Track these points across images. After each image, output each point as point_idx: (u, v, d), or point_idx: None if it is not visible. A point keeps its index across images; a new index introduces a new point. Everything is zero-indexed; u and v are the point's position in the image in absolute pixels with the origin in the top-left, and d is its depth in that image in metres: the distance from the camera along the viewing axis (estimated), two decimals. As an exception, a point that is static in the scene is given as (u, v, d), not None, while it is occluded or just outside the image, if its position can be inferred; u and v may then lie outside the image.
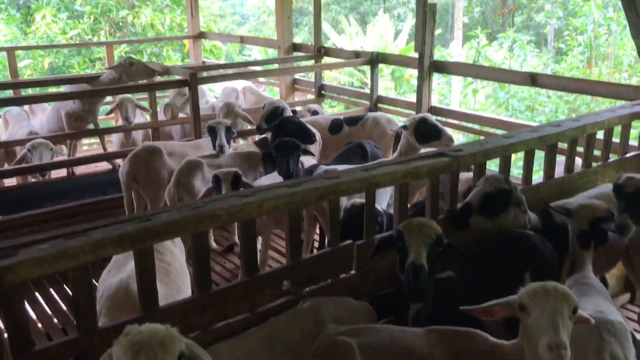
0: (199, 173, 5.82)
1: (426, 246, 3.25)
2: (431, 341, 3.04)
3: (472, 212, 4.06)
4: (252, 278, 3.31)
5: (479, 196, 4.09)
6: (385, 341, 3.01)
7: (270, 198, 3.22)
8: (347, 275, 3.77)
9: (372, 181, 3.65)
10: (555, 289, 2.72)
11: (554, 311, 2.65)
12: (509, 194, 4.12)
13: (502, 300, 2.89)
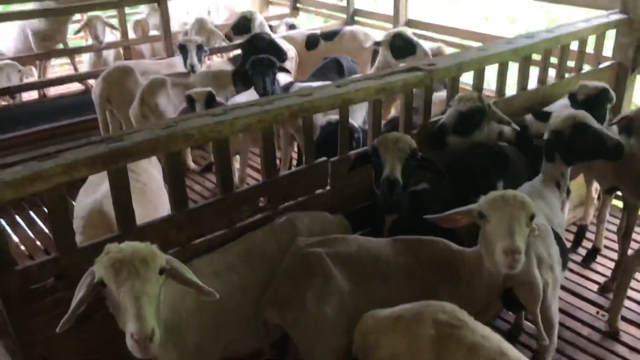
0: (163, 92, 5.72)
1: (401, 160, 3.32)
2: (397, 249, 3.17)
3: (448, 132, 4.13)
4: (228, 195, 3.36)
5: (453, 116, 4.14)
6: (352, 249, 3.13)
7: (243, 116, 3.21)
8: (322, 191, 3.84)
9: (345, 97, 3.65)
10: (514, 198, 2.81)
11: (511, 218, 2.74)
12: (483, 112, 4.17)
13: (463, 208, 2.98)
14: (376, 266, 3.10)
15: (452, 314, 2.60)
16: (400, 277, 3.08)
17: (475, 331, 2.51)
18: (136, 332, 2.22)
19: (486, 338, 2.48)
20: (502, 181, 3.97)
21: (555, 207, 3.66)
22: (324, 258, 3.03)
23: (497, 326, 4.13)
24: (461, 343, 2.46)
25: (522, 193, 2.92)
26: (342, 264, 3.06)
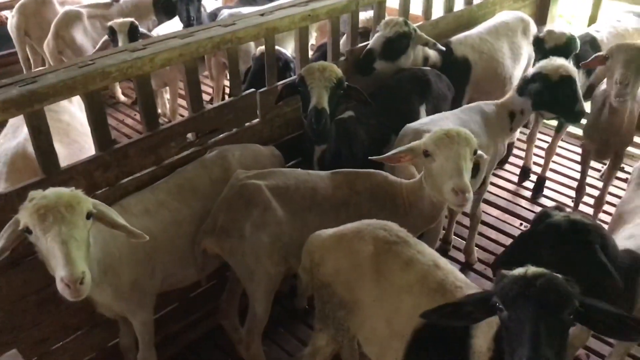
0: (79, 24, 5.43)
1: (327, 90, 3.32)
2: (335, 182, 3.22)
3: (376, 58, 4.13)
4: (154, 132, 3.31)
5: (380, 42, 4.14)
6: (290, 183, 3.17)
7: (162, 51, 3.12)
8: (252, 123, 3.83)
9: (269, 27, 3.58)
10: (458, 135, 2.82)
11: (458, 156, 2.76)
12: (409, 36, 4.19)
13: (406, 146, 2.98)
14: (313, 198, 3.15)
15: (391, 231, 2.72)
16: (337, 208, 3.15)
17: (412, 246, 2.65)
18: (66, 276, 2.24)
19: (421, 252, 2.63)
20: (425, 105, 4.07)
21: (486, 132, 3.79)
22: (263, 189, 3.07)
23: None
24: (398, 257, 2.60)
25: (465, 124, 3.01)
26: (281, 196, 3.11)
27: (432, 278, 2.51)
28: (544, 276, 1.94)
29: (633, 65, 3.60)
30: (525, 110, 3.79)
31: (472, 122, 3.81)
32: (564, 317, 1.90)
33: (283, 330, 3.94)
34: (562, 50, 4.15)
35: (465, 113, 3.90)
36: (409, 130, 3.57)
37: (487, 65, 4.61)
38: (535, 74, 3.67)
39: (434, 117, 3.75)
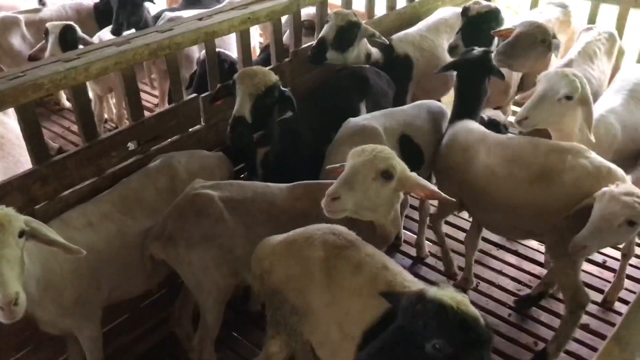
0: (17, 31, 5.25)
1: (252, 97, 3.25)
2: (294, 194, 3.15)
3: (328, 47, 4.11)
4: (93, 143, 3.25)
5: (332, 30, 4.12)
6: (247, 195, 3.12)
7: (97, 60, 3.06)
8: (196, 128, 3.79)
9: (208, 31, 3.55)
10: (371, 151, 2.72)
11: (351, 169, 2.67)
12: (359, 26, 4.22)
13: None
14: (271, 211, 3.10)
15: (340, 235, 2.72)
16: (296, 221, 3.02)
17: (362, 250, 2.67)
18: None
19: (371, 255, 2.65)
20: (365, 102, 4.10)
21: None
22: (216, 201, 3.03)
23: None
24: (348, 261, 2.61)
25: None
26: (235, 208, 3.07)
27: (381, 279, 2.54)
28: None
29: (523, 41, 3.85)
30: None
31: (419, 119, 3.88)
32: None
33: (237, 335, 3.92)
34: (482, 19, 4.28)
35: (414, 109, 3.96)
36: (348, 124, 3.61)
37: (429, 62, 4.67)
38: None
39: (376, 113, 3.80)
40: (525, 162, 3.31)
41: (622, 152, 3.71)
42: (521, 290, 4.17)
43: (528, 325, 3.91)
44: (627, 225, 2.88)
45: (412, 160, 3.61)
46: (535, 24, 3.93)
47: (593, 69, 4.44)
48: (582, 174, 3.14)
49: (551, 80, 3.27)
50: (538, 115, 3.26)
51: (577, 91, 3.26)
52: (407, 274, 2.61)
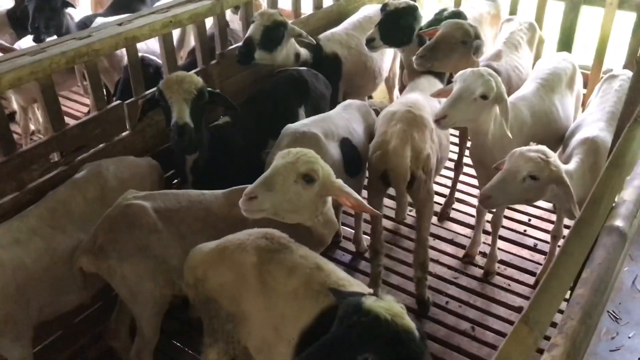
0: None
1: (188, 102, 3.22)
2: (231, 201, 3.08)
3: (255, 47, 4.07)
4: (11, 157, 3.13)
5: (259, 30, 4.07)
6: (182, 204, 3.07)
7: (10, 70, 2.95)
8: (123, 135, 3.71)
9: (128, 36, 3.48)
10: (295, 154, 2.69)
11: (275, 170, 2.66)
12: (285, 25, 4.21)
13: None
14: (207, 220, 3.05)
15: (273, 239, 2.71)
16: (234, 227, 2.97)
17: (295, 252, 2.66)
18: None
19: (304, 257, 2.65)
20: (304, 106, 4.10)
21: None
22: (149, 211, 2.97)
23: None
24: (281, 265, 2.60)
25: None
26: (170, 218, 3.01)
27: (315, 280, 2.55)
28: None
29: (444, 42, 3.88)
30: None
31: (355, 121, 3.91)
32: None
33: (179, 344, 3.86)
34: (399, 14, 4.32)
35: (348, 110, 3.97)
36: (288, 131, 3.54)
37: (357, 60, 4.72)
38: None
39: (315, 118, 3.75)
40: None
41: (534, 137, 3.86)
42: (458, 278, 4.27)
43: (466, 311, 4.02)
44: (530, 179, 3.09)
45: (353, 164, 3.70)
46: (457, 24, 3.96)
47: (519, 58, 4.59)
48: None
49: (467, 80, 3.35)
50: (455, 114, 3.34)
51: (492, 91, 3.36)
52: (341, 272, 2.64)
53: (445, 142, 3.97)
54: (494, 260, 4.26)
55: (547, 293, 1.74)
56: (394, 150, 3.48)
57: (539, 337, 1.65)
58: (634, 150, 2.50)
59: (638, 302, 3.95)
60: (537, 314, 1.66)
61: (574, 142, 3.68)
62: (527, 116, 3.85)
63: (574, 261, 1.90)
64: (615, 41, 5.23)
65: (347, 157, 3.65)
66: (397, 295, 4.08)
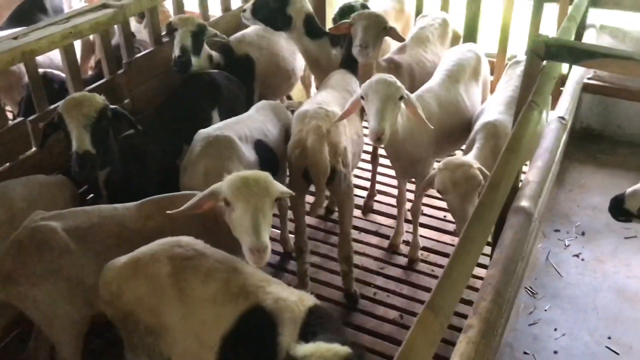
0: None
1: (88, 128, 3.10)
2: (145, 212, 3.01)
3: (190, 54, 4.06)
4: None
5: (188, 36, 4.08)
6: (93, 221, 2.96)
7: None
8: (28, 154, 3.55)
9: (25, 50, 3.33)
10: (257, 184, 2.66)
11: (256, 210, 2.60)
12: (206, 28, 4.22)
13: (207, 192, 2.79)
14: (121, 235, 2.95)
15: (187, 246, 2.67)
16: (150, 240, 2.86)
17: (210, 258, 2.63)
18: None
19: (220, 261, 2.63)
20: (217, 110, 4.06)
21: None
22: (59, 232, 2.85)
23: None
24: (197, 271, 2.57)
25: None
26: (81, 237, 2.90)
27: (233, 283, 2.53)
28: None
29: (371, 31, 3.96)
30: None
31: (269, 122, 3.91)
32: None
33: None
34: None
35: (261, 112, 3.97)
36: (200, 135, 3.50)
37: (269, 61, 4.73)
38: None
39: (228, 122, 3.72)
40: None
41: (443, 127, 3.99)
42: (384, 268, 4.36)
43: (393, 300, 4.10)
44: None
45: (270, 165, 3.68)
46: (373, 14, 4.11)
47: (426, 52, 4.73)
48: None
49: (381, 90, 3.40)
50: (389, 126, 3.39)
51: (403, 90, 3.47)
52: (261, 274, 2.64)
53: (358, 137, 4.04)
54: (417, 247, 4.38)
55: (450, 278, 1.81)
56: (312, 146, 3.51)
57: (444, 322, 1.71)
58: (529, 134, 2.63)
59: (552, 276, 4.17)
60: (441, 299, 1.72)
61: (476, 127, 3.85)
62: (434, 107, 3.98)
63: (475, 245, 1.98)
64: (520, 28, 5.50)
65: (263, 158, 3.65)
66: (326, 290, 4.16)
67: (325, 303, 4.00)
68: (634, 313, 3.85)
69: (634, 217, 2.94)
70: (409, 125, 3.67)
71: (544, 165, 3.23)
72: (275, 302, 2.47)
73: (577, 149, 5.37)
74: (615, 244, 4.39)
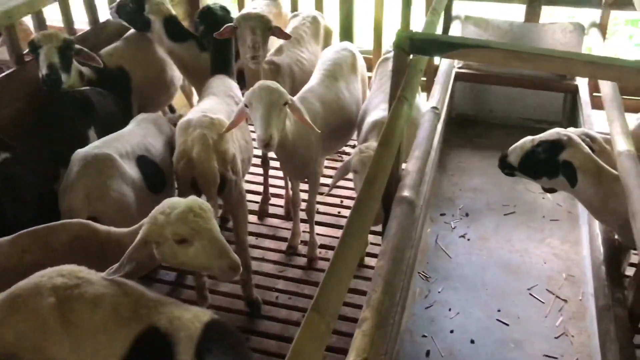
0: None
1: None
2: (20, 246, 2.80)
3: (59, 71, 3.93)
4: None
5: (54, 53, 3.92)
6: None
7: None
8: None
9: None
10: (205, 210, 2.66)
11: (217, 234, 2.62)
12: (73, 42, 4.05)
13: (140, 241, 2.65)
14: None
15: (70, 274, 2.51)
16: (28, 274, 2.61)
17: (96, 284, 2.50)
18: None
19: (108, 286, 2.50)
20: (94, 128, 3.89)
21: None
22: None
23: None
24: (84, 299, 2.44)
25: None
26: None
27: (124, 308, 2.44)
28: None
29: (258, 31, 3.98)
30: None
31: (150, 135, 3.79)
32: None
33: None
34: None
35: (142, 126, 3.83)
36: (78, 156, 3.33)
37: (145, 71, 4.58)
38: None
39: (107, 139, 3.56)
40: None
41: (329, 125, 4.07)
42: (284, 271, 4.37)
43: (296, 302, 4.12)
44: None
45: (156, 180, 3.60)
46: (258, 14, 4.13)
47: (302, 52, 4.79)
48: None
49: (265, 97, 3.40)
50: (276, 131, 3.39)
51: (287, 95, 3.50)
52: (152, 294, 2.55)
53: (246, 143, 4.02)
54: (315, 246, 4.43)
55: (333, 278, 1.83)
56: (198, 156, 3.46)
57: (331, 322, 1.73)
58: (401, 127, 2.73)
59: (442, 258, 4.36)
60: (325, 300, 1.74)
61: (365, 127, 3.97)
62: (318, 107, 4.04)
63: (356, 241, 2.02)
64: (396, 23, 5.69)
65: (148, 174, 3.54)
66: (227, 301, 4.10)
67: (227, 314, 4.00)
68: (518, 285, 4.12)
69: (516, 170, 3.42)
70: (296, 127, 3.71)
71: (421, 154, 3.37)
72: (169, 321, 2.41)
73: (455, 135, 5.66)
74: (497, 222, 4.68)
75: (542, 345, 3.68)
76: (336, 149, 4.58)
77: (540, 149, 3.28)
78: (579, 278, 4.13)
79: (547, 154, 3.25)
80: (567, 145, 3.23)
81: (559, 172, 3.25)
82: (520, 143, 3.40)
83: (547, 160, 3.26)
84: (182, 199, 2.72)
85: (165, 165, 3.75)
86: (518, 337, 3.73)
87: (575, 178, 3.20)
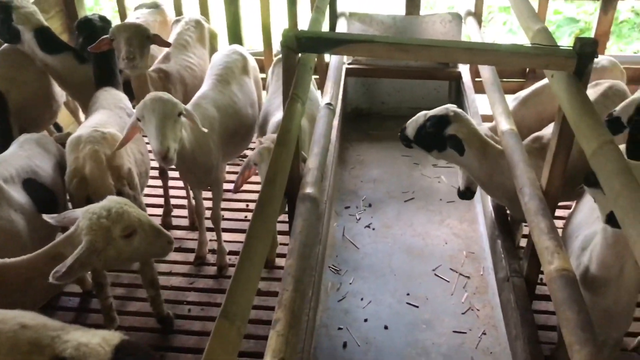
0: None
1: None
2: None
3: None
4: None
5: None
6: None
7: None
8: None
9: None
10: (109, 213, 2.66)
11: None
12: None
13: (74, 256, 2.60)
14: None
15: None
16: None
17: None
18: None
19: (2, 321, 2.33)
20: None
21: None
22: None
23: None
24: None
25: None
26: None
27: (22, 342, 2.28)
28: None
29: (135, 41, 3.84)
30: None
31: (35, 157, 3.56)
32: None
33: None
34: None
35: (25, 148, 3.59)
36: None
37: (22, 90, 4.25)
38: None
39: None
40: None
41: (227, 129, 4.04)
42: (194, 282, 4.26)
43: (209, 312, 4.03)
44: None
45: (47, 203, 3.39)
46: (133, 24, 3.96)
47: (190, 57, 4.70)
48: None
49: (158, 109, 3.27)
50: (172, 143, 3.26)
51: (181, 105, 3.39)
52: (55, 323, 2.41)
53: (142, 155, 3.88)
54: (224, 253, 4.36)
55: (240, 282, 1.82)
56: (91, 173, 3.32)
57: (241, 327, 1.72)
58: (296, 125, 2.76)
59: (350, 250, 4.45)
60: (234, 306, 1.73)
61: (271, 128, 3.96)
62: (213, 112, 3.98)
63: (261, 244, 2.01)
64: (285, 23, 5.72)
65: (37, 197, 3.34)
66: (137, 320, 3.95)
67: (138, 334, 3.85)
68: (423, 267, 4.28)
69: (412, 142, 3.56)
70: (194, 136, 3.63)
71: (320, 150, 3.43)
72: (76, 349, 2.28)
73: (352, 129, 5.80)
74: (398, 209, 4.84)
75: (451, 322, 3.85)
76: (237, 153, 4.53)
77: (429, 123, 3.46)
78: (479, 254, 4.37)
79: (435, 127, 3.42)
80: (452, 120, 3.41)
81: (446, 145, 3.42)
82: (416, 117, 3.56)
83: (435, 133, 3.43)
84: (99, 203, 2.74)
85: (56, 186, 3.55)
86: (428, 317, 3.88)
87: (462, 150, 3.38)
